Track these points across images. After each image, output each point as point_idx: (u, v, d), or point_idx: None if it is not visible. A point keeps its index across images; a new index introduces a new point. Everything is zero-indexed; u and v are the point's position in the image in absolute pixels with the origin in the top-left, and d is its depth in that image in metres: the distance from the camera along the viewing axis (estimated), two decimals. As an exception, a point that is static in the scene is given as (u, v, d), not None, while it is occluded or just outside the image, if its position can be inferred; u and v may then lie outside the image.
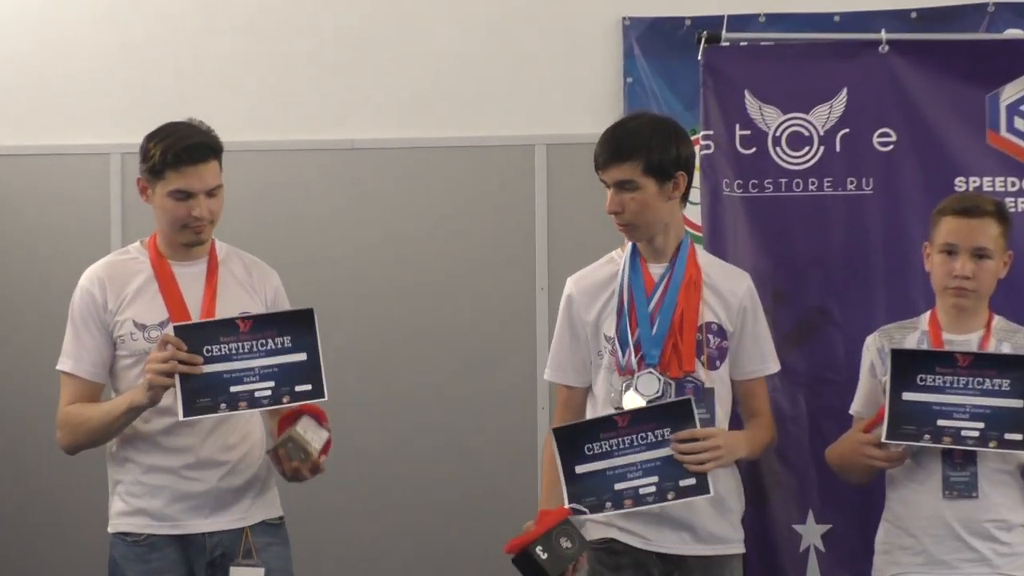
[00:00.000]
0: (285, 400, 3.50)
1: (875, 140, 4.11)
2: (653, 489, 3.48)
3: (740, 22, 4.90)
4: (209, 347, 3.47)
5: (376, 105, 5.34)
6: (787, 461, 4.08)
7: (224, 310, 3.62)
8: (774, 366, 3.76)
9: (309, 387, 3.50)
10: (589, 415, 3.66)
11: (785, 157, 4.14)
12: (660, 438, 3.49)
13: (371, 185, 5.31)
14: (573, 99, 5.29)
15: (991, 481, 3.53)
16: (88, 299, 3.65)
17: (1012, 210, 3.98)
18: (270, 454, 3.60)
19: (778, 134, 4.13)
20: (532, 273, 5.27)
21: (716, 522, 3.63)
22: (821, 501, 4.08)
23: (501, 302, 5.29)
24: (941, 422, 3.47)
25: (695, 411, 3.50)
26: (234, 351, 3.49)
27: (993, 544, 3.52)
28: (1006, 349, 3.61)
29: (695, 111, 4.40)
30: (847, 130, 4.11)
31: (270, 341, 3.49)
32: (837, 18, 5.14)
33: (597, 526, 3.62)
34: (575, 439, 3.50)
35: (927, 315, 3.74)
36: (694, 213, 4.33)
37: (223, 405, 3.48)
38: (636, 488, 3.48)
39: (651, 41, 5.28)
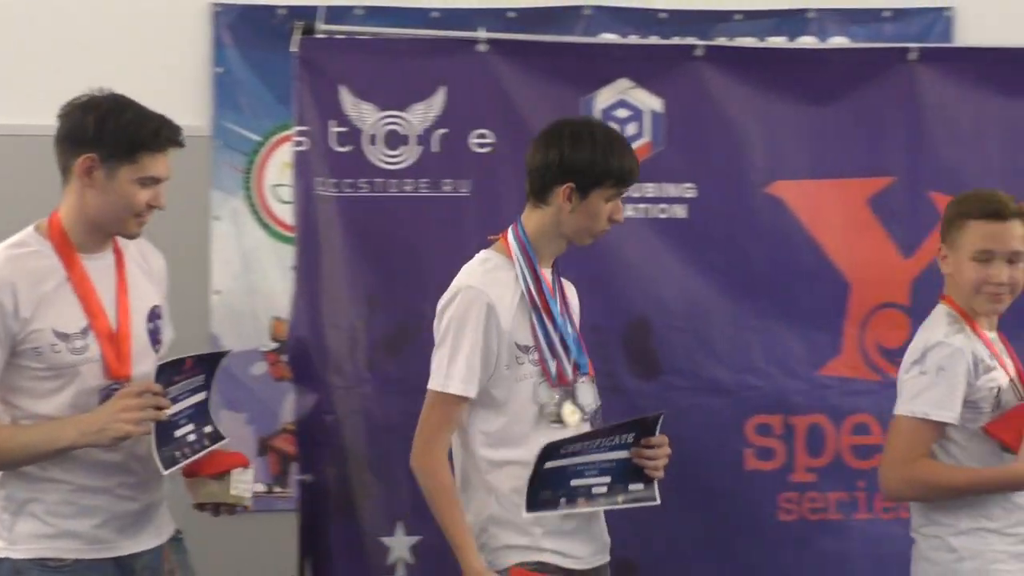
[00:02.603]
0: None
1: (472, 141, 4.05)
2: (605, 490, 3.37)
3: (337, 14, 4.76)
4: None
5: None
6: (378, 471, 3.97)
7: (137, 310, 3.31)
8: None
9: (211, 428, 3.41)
10: (489, 430, 3.40)
11: (381, 156, 4.03)
12: (623, 441, 3.37)
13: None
14: (158, 89, 4.98)
15: None
16: None
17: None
18: (196, 507, 3.40)
19: (374, 132, 4.02)
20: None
21: (603, 529, 3.53)
22: (411, 512, 3.96)
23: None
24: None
25: (658, 426, 3.40)
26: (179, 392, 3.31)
27: None
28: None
29: (289, 105, 4.25)
30: (445, 130, 4.03)
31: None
32: (436, 14, 5.11)
33: (524, 551, 3.39)
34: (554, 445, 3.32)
35: (957, 315, 3.57)
36: (287, 212, 4.17)
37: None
38: (590, 487, 3.36)
39: (243, 30, 5.13)
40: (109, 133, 3.21)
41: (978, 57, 4.22)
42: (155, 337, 3.38)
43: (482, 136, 4.04)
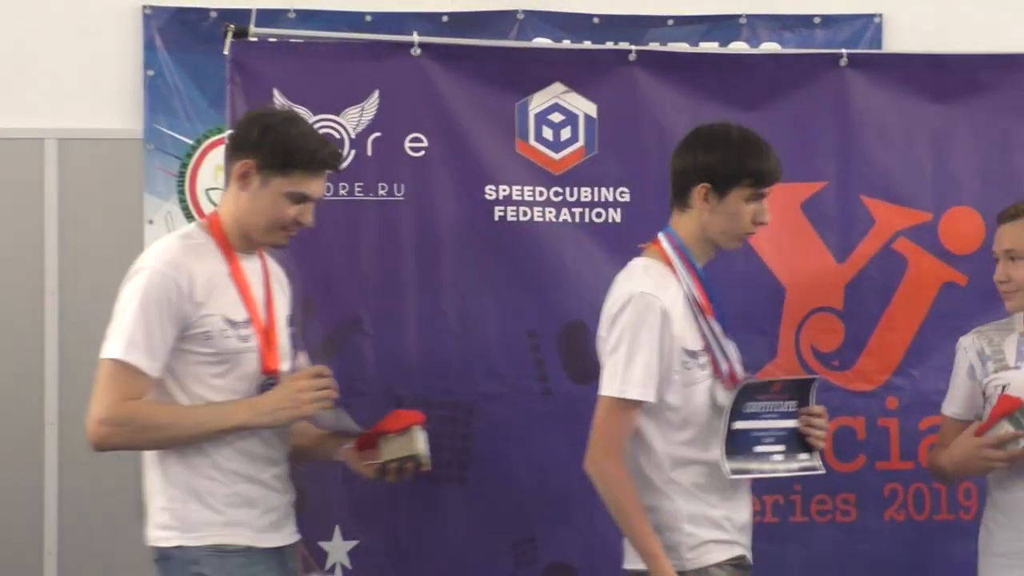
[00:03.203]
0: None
1: (407, 145, 4.03)
2: (781, 458, 3.49)
3: (269, 17, 4.74)
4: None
5: None
6: (315, 476, 3.93)
7: (280, 315, 3.45)
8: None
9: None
10: (675, 434, 3.44)
11: (316, 160, 3.99)
12: (789, 409, 3.49)
13: None
14: (88, 91, 5.03)
15: None
16: (170, 286, 3.24)
17: (539, 219, 4.04)
18: (373, 467, 3.48)
19: (308, 136, 3.99)
20: (41, 276, 5.04)
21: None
22: (349, 517, 3.98)
23: (5, 306, 5.05)
24: None
25: (814, 390, 3.53)
26: None
27: None
28: None
29: (221, 109, 4.22)
30: (379, 134, 4.02)
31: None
32: (369, 18, 5.11)
33: (725, 546, 3.46)
34: (743, 397, 3.44)
35: (1020, 316, 3.76)
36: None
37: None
38: (770, 454, 3.48)
39: (174, 33, 5.12)
40: (269, 143, 3.32)
41: (907, 63, 4.26)
42: (295, 342, 3.50)
43: (416, 140, 4.03)
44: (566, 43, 5.08)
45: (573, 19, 5.32)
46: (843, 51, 4.21)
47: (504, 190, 4.06)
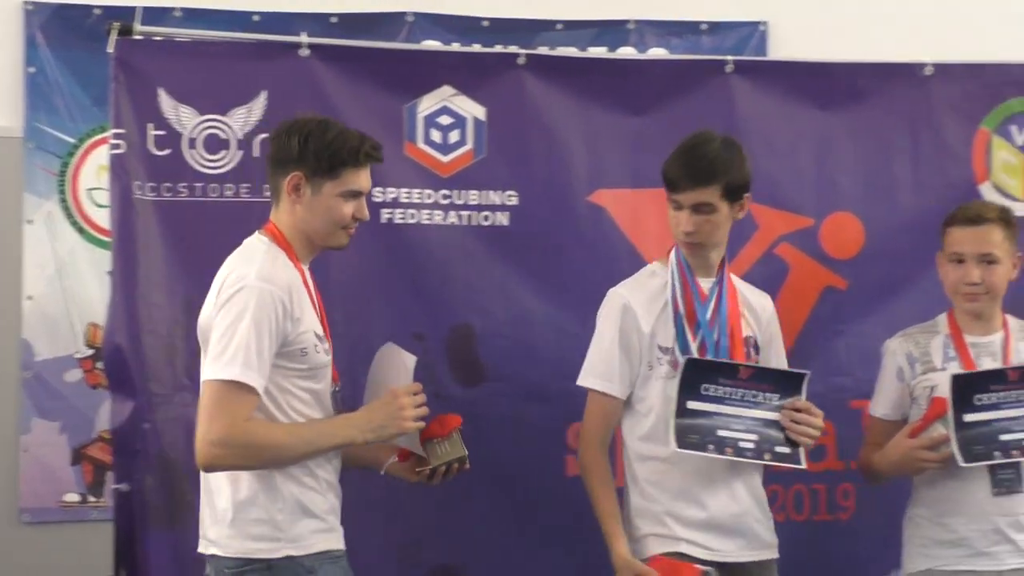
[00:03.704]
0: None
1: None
2: (752, 446, 3.61)
3: (155, 15, 4.70)
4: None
5: None
6: (197, 479, 3.84)
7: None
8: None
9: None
10: (638, 427, 3.68)
11: (201, 160, 3.97)
12: (767, 401, 3.62)
13: None
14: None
15: None
16: (277, 305, 3.28)
17: (427, 222, 4.05)
18: (420, 472, 3.54)
19: (194, 136, 3.96)
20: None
21: (763, 528, 3.72)
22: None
23: None
24: (1004, 437, 3.67)
25: (805, 387, 3.63)
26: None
27: None
28: None
29: (105, 107, 4.16)
30: (267, 135, 3.95)
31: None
32: (257, 18, 5.07)
33: (662, 540, 3.63)
34: (697, 375, 3.59)
35: (944, 318, 3.88)
36: (103, 217, 4.09)
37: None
38: (737, 440, 3.59)
39: (57, 29, 5.04)
40: (313, 152, 3.39)
41: (791, 70, 4.33)
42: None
43: (304, 141, 4.01)
44: (455, 46, 5.08)
45: (462, 22, 5.32)
46: (729, 58, 4.27)
47: (392, 192, 4.05)
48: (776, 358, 3.83)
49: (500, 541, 4.07)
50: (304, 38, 4.03)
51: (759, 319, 3.80)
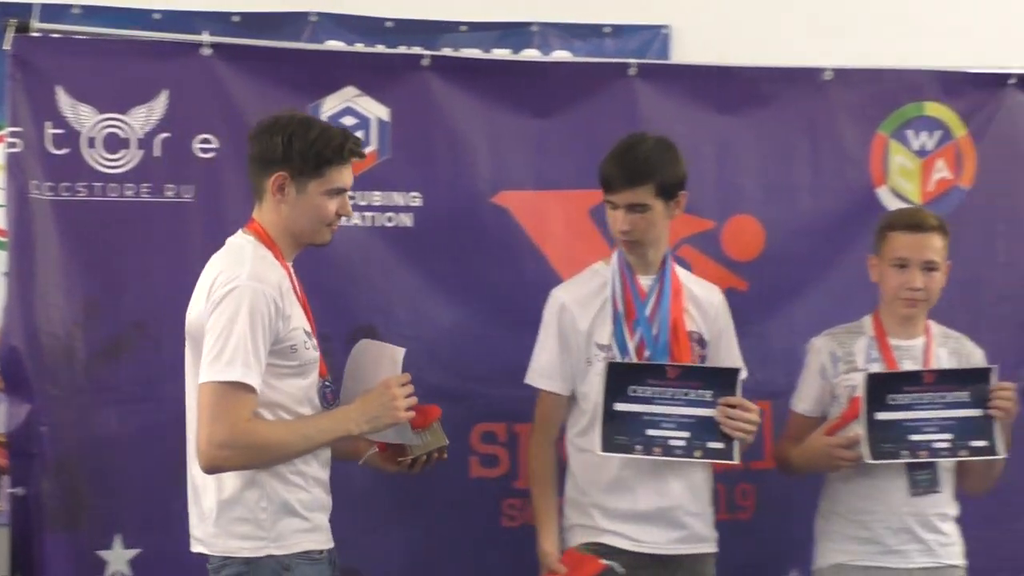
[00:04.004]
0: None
1: (196, 146, 3.98)
2: (683, 444, 3.64)
3: (53, 12, 4.62)
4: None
5: None
6: (95, 482, 3.89)
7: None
8: (745, 372, 3.83)
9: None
10: (576, 422, 3.76)
11: (100, 160, 3.93)
12: (700, 398, 3.65)
13: None
14: None
15: (942, 478, 3.84)
16: (269, 304, 3.29)
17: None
18: (404, 461, 3.54)
19: (93, 135, 3.92)
20: None
21: (699, 521, 3.77)
22: (131, 525, 3.92)
23: None
24: (914, 437, 3.74)
25: (739, 382, 3.67)
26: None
27: (937, 535, 3.84)
28: (944, 353, 3.91)
29: (1, 106, 4.07)
30: (167, 134, 3.96)
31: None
32: (158, 16, 5.03)
33: (585, 530, 3.72)
34: (622, 378, 3.63)
35: (870, 320, 3.94)
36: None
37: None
38: (667, 439, 3.63)
39: (-50, 25, 4.90)
40: (297, 152, 3.37)
41: (694, 74, 4.36)
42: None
43: (206, 141, 3.98)
44: (359, 46, 5.07)
45: (366, 23, 5.31)
46: (632, 61, 4.30)
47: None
48: (727, 352, 3.88)
49: (402, 546, 4.07)
50: (206, 37, 4.00)
51: (706, 313, 3.86)
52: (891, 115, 4.37)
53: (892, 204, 4.29)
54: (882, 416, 3.76)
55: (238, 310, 3.25)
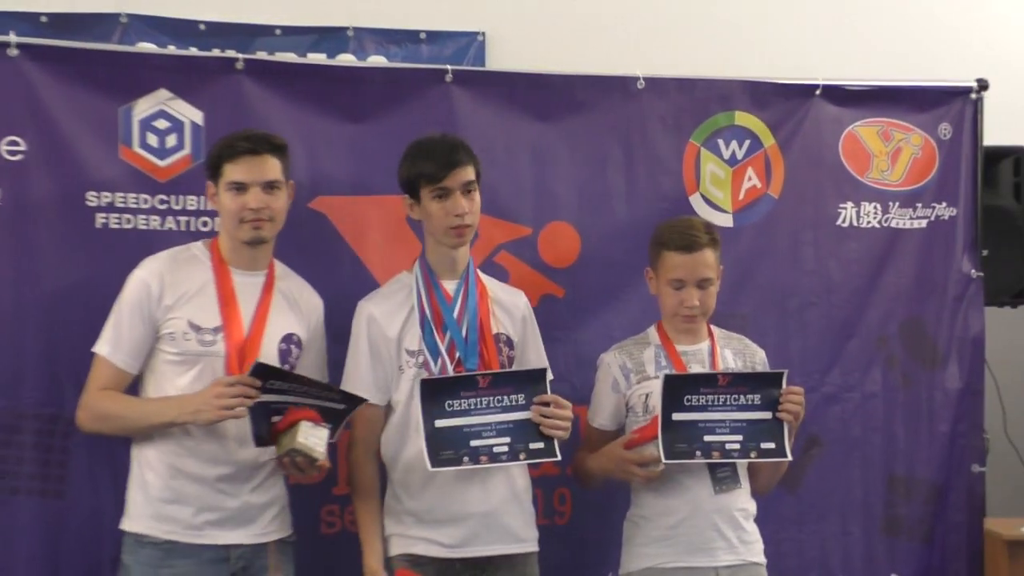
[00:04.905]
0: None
1: (3, 148, 3.89)
2: (506, 449, 3.67)
3: None
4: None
5: None
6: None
7: (273, 330, 3.71)
8: (551, 373, 3.81)
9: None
10: (395, 428, 3.75)
11: None
12: (514, 402, 3.69)
13: None
14: None
15: (740, 474, 3.92)
16: (143, 290, 3.65)
17: (144, 227, 3.98)
18: (276, 462, 3.63)
19: None
20: None
21: (517, 521, 3.80)
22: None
23: None
24: (708, 438, 3.80)
25: (548, 382, 3.71)
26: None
27: (739, 532, 3.90)
28: (729, 354, 4.00)
29: None
30: (-28, 137, 3.85)
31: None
32: (-37, 16, 4.86)
33: (401, 540, 3.72)
34: (437, 394, 3.64)
35: (654, 330, 4.01)
36: None
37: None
38: (491, 446, 3.66)
39: None
40: (208, 160, 3.74)
41: (510, 80, 4.40)
42: (284, 357, 3.72)
43: (14, 143, 3.89)
44: (171, 49, 4.99)
45: (178, 25, 5.24)
46: (448, 67, 4.31)
47: (107, 197, 3.97)
48: (534, 353, 3.92)
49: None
50: (12, 37, 3.90)
51: (512, 316, 3.89)
52: (703, 124, 4.46)
53: (705, 212, 4.39)
54: (678, 416, 3.81)
55: (122, 294, 3.67)
